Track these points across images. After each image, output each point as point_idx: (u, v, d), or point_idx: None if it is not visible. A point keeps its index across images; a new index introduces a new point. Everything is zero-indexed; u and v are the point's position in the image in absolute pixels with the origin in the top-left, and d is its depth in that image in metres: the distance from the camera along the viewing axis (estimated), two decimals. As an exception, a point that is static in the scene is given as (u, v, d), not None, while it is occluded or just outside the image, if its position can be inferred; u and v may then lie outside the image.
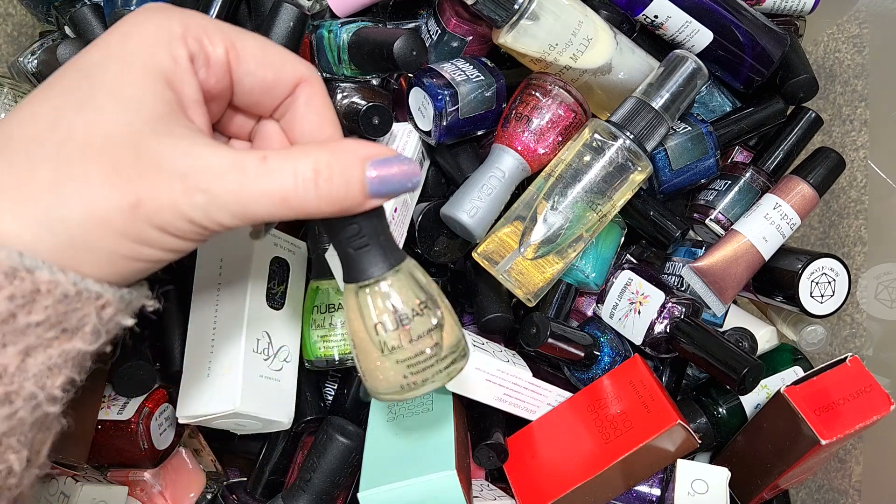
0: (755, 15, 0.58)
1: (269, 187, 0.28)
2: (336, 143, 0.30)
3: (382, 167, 0.30)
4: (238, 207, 0.28)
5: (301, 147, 0.30)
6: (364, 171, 0.29)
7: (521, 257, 0.51)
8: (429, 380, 0.33)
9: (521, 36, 0.51)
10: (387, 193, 0.30)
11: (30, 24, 0.65)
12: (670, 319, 0.54)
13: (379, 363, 0.33)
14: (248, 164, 0.28)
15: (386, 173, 0.30)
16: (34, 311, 0.25)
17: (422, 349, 0.33)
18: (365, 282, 0.32)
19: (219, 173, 0.27)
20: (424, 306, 0.33)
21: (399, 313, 0.32)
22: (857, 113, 0.64)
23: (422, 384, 0.33)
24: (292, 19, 0.51)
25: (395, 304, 0.32)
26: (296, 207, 0.29)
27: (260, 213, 0.28)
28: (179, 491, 0.57)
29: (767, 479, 0.53)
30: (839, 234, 0.65)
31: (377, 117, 0.53)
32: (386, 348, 0.32)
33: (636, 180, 0.51)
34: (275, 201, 0.28)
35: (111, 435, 0.53)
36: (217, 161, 0.27)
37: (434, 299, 0.33)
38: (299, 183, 0.28)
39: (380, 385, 0.33)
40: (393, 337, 0.32)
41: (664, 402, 0.50)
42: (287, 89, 0.33)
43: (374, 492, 0.48)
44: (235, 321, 0.50)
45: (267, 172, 0.28)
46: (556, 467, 0.52)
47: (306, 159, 0.29)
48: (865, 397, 0.49)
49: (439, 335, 0.33)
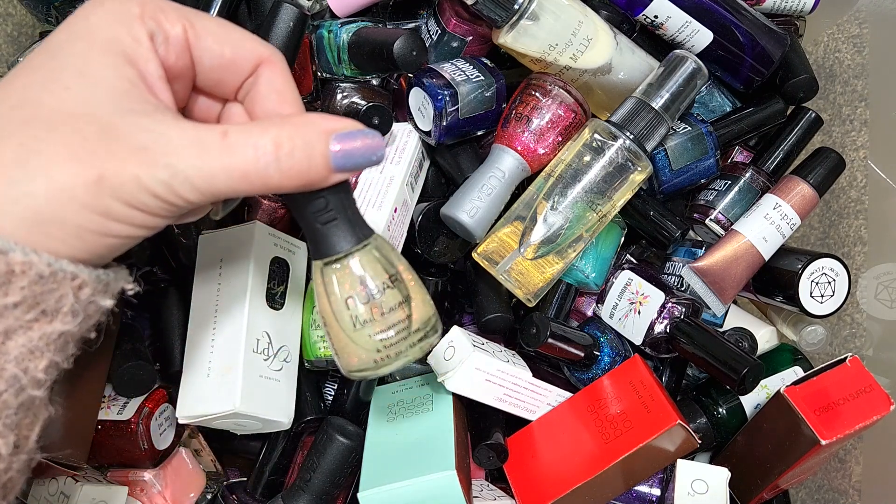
0: (755, 15, 0.58)
1: (229, 162, 0.28)
2: (299, 116, 0.30)
3: (346, 140, 0.30)
4: (200, 182, 0.28)
5: (263, 121, 0.30)
6: (327, 144, 0.30)
7: (521, 257, 0.51)
8: (402, 353, 0.33)
9: (521, 36, 0.51)
10: (352, 167, 0.30)
11: (30, 24, 0.65)
12: (670, 319, 0.54)
13: (351, 338, 0.33)
14: (209, 138, 0.28)
15: (350, 147, 0.30)
16: (10, 293, 0.25)
17: (393, 322, 0.33)
18: (334, 257, 0.32)
19: (180, 148, 0.27)
20: (394, 279, 0.33)
21: (369, 287, 0.32)
22: (857, 113, 0.64)
23: (395, 357, 0.33)
24: (292, 19, 0.51)
25: (364, 278, 0.32)
26: (257, 182, 0.29)
27: (222, 189, 0.28)
28: (179, 491, 0.57)
29: (767, 479, 0.53)
30: (839, 234, 0.65)
31: (377, 117, 0.53)
32: (358, 322, 0.33)
33: (636, 180, 0.51)
34: (236, 176, 0.28)
35: (111, 435, 0.53)
36: (178, 136, 0.28)
37: (402, 274, 0.34)
38: (260, 157, 0.28)
39: (353, 361, 0.34)
40: (364, 311, 0.32)
41: (664, 402, 0.50)
42: (247, 68, 0.33)
43: (374, 492, 0.48)
44: (235, 321, 0.50)
45: (227, 147, 0.28)
46: (556, 467, 0.52)
47: (267, 133, 0.29)
48: (865, 397, 0.49)
49: (409, 308, 0.33)
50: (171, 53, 0.30)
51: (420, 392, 0.56)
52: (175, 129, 0.28)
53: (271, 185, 0.29)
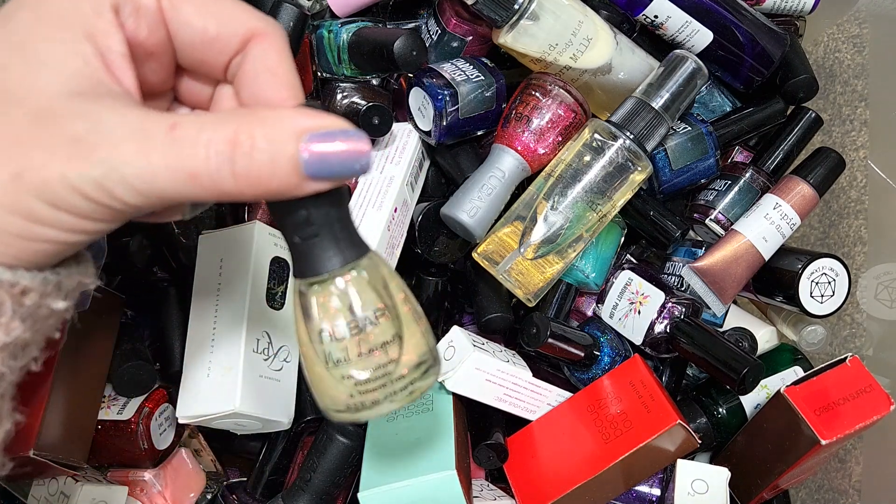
0: (755, 15, 0.58)
1: (175, 160, 0.23)
2: (267, 110, 0.25)
3: (322, 143, 0.24)
4: (139, 183, 0.23)
5: (223, 114, 0.25)
6: (297, 145, 0.24)
7: (521, 257, 0.51)
8: (380, 401, 0.28)
9: (521, 36, 0.51)
10: (329, 175, 0.25)
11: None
12: (670, 319, 0.54)
13: (323, 376, 0.28)
14: (155, 131, 0.23)
15: (326, 150, 0.24)
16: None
17: (373, 365, 0.27)
18: (311, 279, 0.27)
19: (118, 141, 0.23)
20: (382, 314, 0.27)
21: (348, 320, 0.27)
22: (857, 113, 0.64)
23: (372, 406, 0.28)
24: (292, 19, 0.51)
25: (343, 308, 0.27)
26: (209, 186, 0.24)
27: (167, 192, 0.24)
28: (179, 491, 0.57)
29: (767, 479, 0.53)
30: (839, 234, 0.65)
31: (377, 117, 0.53)
32: (330, 360, 0.28)
33: (636, 180, 0.51)
34: (182, 177, 0.23)
35: (111, 435, 0.53)
36: (120, 126, 0.23)
37: (396, 306, 0.28)
38: (212, 156, 0.23)
39: (326, 400, 0.29)
40: (338, 348, 0.27)
41: (664, 402, 0.50)
42: (235, 44, 0.27)
43: (374, 492, 0.48)
44: (235, 321, 0.50)
45: (173, 142, 0.23)
46: (556, 467, 0.52)
47: (224, 127, 0.24)
48: (865, 397, 0.49)
49: (397, 349, 0.28)
50: (143, 27, 0.26)
51: (420, 392, 0.56)
52: (117, 118, 0.23)
53: (226, 192, 0.24)
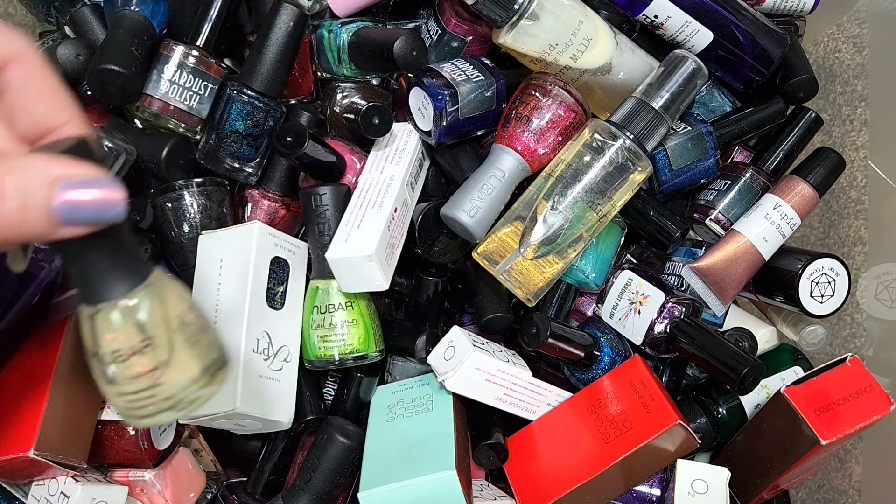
0: (755, 15, 0.58)
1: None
2: (21, 157, 0.25)
3: (76, 190, 0.25)
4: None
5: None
6: (50, 192, 0.25)
7: (521, 257, 0.51)
8: (152, 415, 0.31)
9: (521, 36, 0.51)
10: (83, 222, 0.26)
11: (30, 24, 0.65)
12: (670, 319, 0.54)
13: (104, 388, 0.31)
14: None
15: (80, 198, 0.25)
16: None
17: (139, 387, 0.30)
18: (86, 308, 0.29)
19: None
20: (147, 342, 0.30)
21: (113, 349, 0.29)
22: (857, 113, 0.64)
23: (148, 416, 0.31)
24: (292, 19, 0.51)
25: (106, 339, 0.29)
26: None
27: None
28: (179, 491, 0.57)
29: (767, 479, 0.53)
30: (839, 234, 0.65)
31: (377, 117, 0.53)
32: (105, 378, 0.30)
33: (636, 180, 0.51)
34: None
35: (111, 435, 0.53)
36: None
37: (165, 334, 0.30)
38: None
39: (117, 408, 0.32)
40: (110, 370, 0.30)
41: (664, 402, 0.50)
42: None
43: (374, 492, 0.48)
44: (235, 321, 0.50)
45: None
46: (556, 467, 0.52)
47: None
48: (865, 397, 0.49)
49: (162, 373, 0.30)
50: None
51: (420, 392, 0.56)
52: None
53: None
